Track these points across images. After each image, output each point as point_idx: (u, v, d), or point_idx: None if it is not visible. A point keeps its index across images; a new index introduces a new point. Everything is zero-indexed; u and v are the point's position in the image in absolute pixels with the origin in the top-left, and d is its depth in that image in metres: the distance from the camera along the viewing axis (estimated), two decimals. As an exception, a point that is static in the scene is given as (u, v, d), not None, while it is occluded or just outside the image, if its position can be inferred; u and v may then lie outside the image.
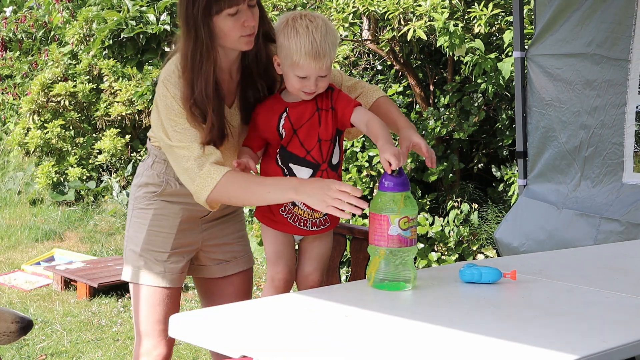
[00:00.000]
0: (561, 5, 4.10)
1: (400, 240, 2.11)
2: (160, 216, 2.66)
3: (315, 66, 2.27)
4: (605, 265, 2.52)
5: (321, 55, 2.27)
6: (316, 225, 2.43)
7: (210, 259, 2.76)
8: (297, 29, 2.27)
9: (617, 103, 3.84)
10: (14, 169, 9.51)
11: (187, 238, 2.69)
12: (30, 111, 8.79)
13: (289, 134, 2.36)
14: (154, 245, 2.67)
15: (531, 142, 4.38)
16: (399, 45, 6.01)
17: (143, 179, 2.67)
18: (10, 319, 2.19)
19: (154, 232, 2.67)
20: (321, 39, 2.27)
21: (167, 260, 2.67)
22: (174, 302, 2.72)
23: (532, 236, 4.22)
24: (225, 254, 2.76)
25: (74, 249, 6.64)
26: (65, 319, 4.91)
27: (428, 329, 1.82)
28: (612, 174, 3.89)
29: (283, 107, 2.38)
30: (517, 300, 2.09)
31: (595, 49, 3.90)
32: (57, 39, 9.76)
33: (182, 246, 2.69)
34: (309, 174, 2.37)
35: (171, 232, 2.66)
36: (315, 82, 2.30)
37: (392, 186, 2.13)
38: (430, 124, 5.83)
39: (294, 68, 2.30)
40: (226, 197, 2.38)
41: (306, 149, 2.36)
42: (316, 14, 2.35)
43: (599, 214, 3.86)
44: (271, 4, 5.85)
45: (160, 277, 2.67)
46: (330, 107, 2.36)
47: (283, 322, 1.89)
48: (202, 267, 2.78)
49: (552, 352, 1.65)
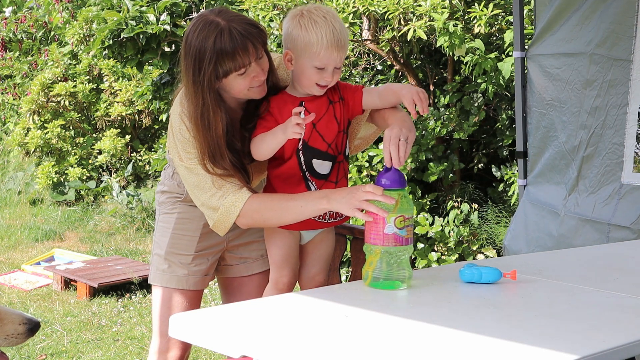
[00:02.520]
0: (561, 5, 4.10)
1: (396, 239, 2.11)
2: (184, 220, 2.68)
3: (337, 56, 2.26)
4: (605, 265, 2.52)
5: (342, 43, 2.26)
6: (333, 217, 2.43)
7: (236, 258, 2.77)
8: (315, 19, 2.24)
9: (618, 103, 3.83)
10: (14, 169, 9.51)
11: (212, 240, 2.70)
12: (30, 111, 8.80)
13: (309, 128, 2.32)
14: (178, 249, 2.69)
15: (531, 142, 4.38)
16: (399, 45, 6.01)
17: (165, 187, 2.72)
18: (18, 320, 2.18)
19: (178, 236, 2.69)
20: (340, 28, 2.26)
21: (191, 263, 2.69)
22: (193, 305, 2.74)
23: (540, 243, 4.20)
24: (251, 252, 2.77)
25: (74, 249, 6.64)
26: (65, 319, 4.91)
27: (428, 329, 1.82)
28: (610, 174, 3.88)
29: (298, 102, 2.35)
30: (517, 300, 2.09)
31: (595, 48, 3.90)
32: (57, 39, 9.77)
33: (206, 248, 2.70)
34: (329, 168, 2.37)
35: (195, 235, 2.68)
36: (332, 73, 2.29)
37: (388, 184, 2.13)
38: (430, 124, 5.83)
39: (312, 59, 2.26)
40: (260, 220, 2.35)
41: (327, 142, 2.35)
42: (326, 7, 2.34)
43: (604, 220, 3.84)
44: (271, 4, 5.84)
45: (184, 280, 2.70)
46: (339, 98, 2.37)
47: (283, 322, 1.88)
48: (228, 267, 2.79)
49: (552, 352, 1.65)
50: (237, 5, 6.67)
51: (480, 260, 5.05)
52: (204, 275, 2.71)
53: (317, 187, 2.37)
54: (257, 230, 2.74)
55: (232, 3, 6.99)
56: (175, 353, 2.72)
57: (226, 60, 2.25)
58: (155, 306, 2.74)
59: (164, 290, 2.71)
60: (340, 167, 2.40)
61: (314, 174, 2.37)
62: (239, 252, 2.77)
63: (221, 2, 7.23)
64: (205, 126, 2.33)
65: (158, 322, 2.72)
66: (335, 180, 2.39)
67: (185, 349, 2.76)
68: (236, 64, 2.25)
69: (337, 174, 2.39)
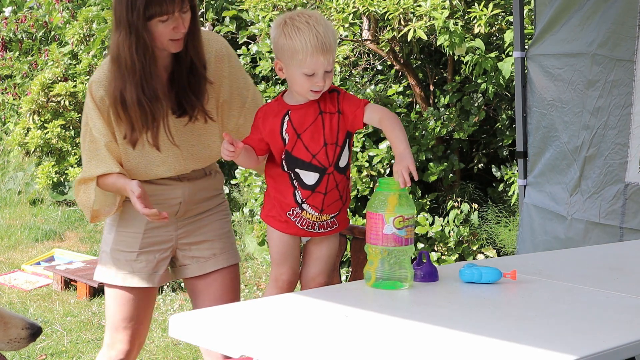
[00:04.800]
0: (562, 5, 4.09)
1: (395, 240, 2.11)
2: (127, 216, 2.72)
3: (323, 60, 2.25)
4: (605, 265, 2.52)
5: (327, 47, 2.25)
6: (324, 228, 2.42)
7: (188, 257, 2.78)
8: (298, 26, 2.26)
9: (621, 104, 3.82)
10: (14, 169, 9.51)
11: (158, 237, 2.73)
12: (30, 111, 8.78)
13: (292, 138, 2.33)
14: (123, 246, 2.74)
15: (532, 142, 4.37)
16: (399, 45, 6.01)
17: None
18: (21, 325, 2.20)
19: (122, 233, 2.74)
20: (324, 31, 2.26)
21: (135, 260, 2.72)
22: (145, 302, 2.79)
23: (547, 246, 4.18)
24: (203, 252, 2.78)
25: (74, 249, 6.64)
26: (65, 319, 4.91)
27: (428, 329, 1.82)
28: (613, 174, 3.88)
29: (285, 110, 2.35)
30: (517, 300, 2.09)
31: (597, 49, 3.89)
32: (57, 39, 9.76)
33: (152, 245, 2.73)
34: (315, 179, 2.35)
35: (138, 231, 2.72)
36: (323, 77, 2.28)
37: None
38: (430, 124, 5.83)
39: (300, 66, 2.27)
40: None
41: (312, 153, 2.33)
42: (311, 11, 2.34)
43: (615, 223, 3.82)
44: (271, 4, 5.84)
45: (129, 277, 2.73)
46: (337, 110, 2.34)
47: (283, 322, 1.89)
48: (183, 267, 2.80)
49: (552, 352, 1.65)
50: (237, 5, 6.67)
51: (480, 260, 5.05)
52: (151, 273, 2.73)
53: (303, 197, 2.36)
54: (209, 230, 2.78)
55: (232, 3, 6.99)
56: (124, 347, 2.80)
57: (154, 4, 2.46)
58: (107, 301, 2.80)
59: (111, 287, 2.76)
60: (331, 179, 2.36)
61: (300, 183, 2.36)
62: (191, 252, 2.78)
63: (221, 2, 7.24)
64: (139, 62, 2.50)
65: (109, 317, 2.80)
66: (324, 191, 2.36)
67: (135, 344, 2.83)
68: (162, 9, 2.46)
69: (327, 185, 2.36)
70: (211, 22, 6.94)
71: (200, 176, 2.77)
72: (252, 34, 6.35)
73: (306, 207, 2.37)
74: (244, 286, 5.67)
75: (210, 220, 2.79)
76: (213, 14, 7.08)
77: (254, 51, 6.56)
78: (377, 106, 2.39)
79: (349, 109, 2.34)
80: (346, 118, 2.34)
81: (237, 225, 6.61)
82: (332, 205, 2.39)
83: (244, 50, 6.65)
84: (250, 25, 6.46)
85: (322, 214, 2.38)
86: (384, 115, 2.31)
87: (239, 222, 6.60)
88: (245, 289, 5.62)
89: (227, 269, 2.80)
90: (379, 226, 2.11)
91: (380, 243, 2.11)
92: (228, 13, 6.81)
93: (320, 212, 2.37)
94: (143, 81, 2.52)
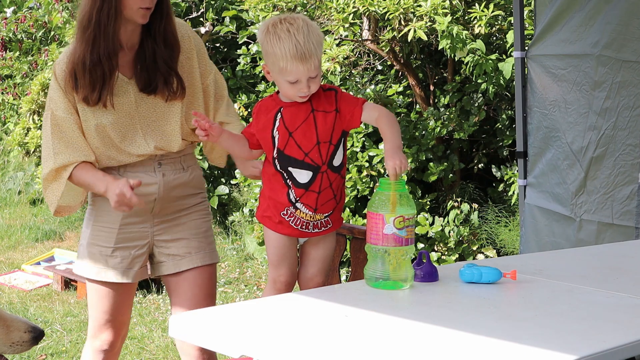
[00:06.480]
0: (562, 6, 4.09)
1: (395, 240, 2.11)
2: (103, 211, 2.74)
3: (303, 68, 2.25)
4: (605, 265, 2.52)
5: (307, 56, 2.25)
6: (318, 227, 2.42)
7: (165, 255, 2.79)
8: (279, 34, 2.26)
9: (630, 105, 3.80)
10: (14, 169, 9.51)
11: (134, 233, 2.74)
12: (30, 111, 8.79)
13: (284, 137, 2.34)
14: (99, 240, 2.76)
15: (532, 142, 4.37)
16: (399, 45, 6.02)
17: None
18: (23, 328, 2.21)
19: (98, 227, 2.76)
20: (304, 40, 2.25)
21: (110, 255, 2.74)
22: (122, 297, 2.81)
23: (555, 247, 4.15)
24: (179, 249, 2.78)
25: (74, 249, 6.63)
26: (65, 319, 4.91)
27: (428, 329, 1.82)
28: (625, 175, 3.85)
29: (278, 107, 2.36)
30: (517, 300, 2.09)
31: (602, 50, 3.87)
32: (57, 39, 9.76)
33: (127, 241, 2.74)
34: (308, 177, 2.36)
35: (113, 227, 2.73)
36: (307, 84, 2.28)
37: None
38: (431, 124, 5.84)
39: (283, 74, 2.28)
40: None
41: (304, 151, 2.34)
42: (296, 15, 2.32)
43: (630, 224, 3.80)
44: (271, 4, 5.84)
45: (103, 271, 2.75)
46: (334, 109, 2.35)
47: (283, 322, 1.89)
48: (160, 265, 2.81)
49: (552, 352, 1.65)
50: (237, 5, 6.67)
51: (480, 260, 5.05)
52: (126, 269, 2.75)
53: (296, 196, 2.36)
54: (186, 228, 2.78)
55: (232, 3, 6.99)
56: (108, 337, 2.83)
57: None
58: (87, 295, 2.85)
59: (89, 281, 2.80)
60: (324, 177, 2.36)
61: (294, 182, 2.36)
62: (167, 249, 2.78)
63: (221, 2, 7.24)
64: (102, 21, 2.52)
65: (90, 310, 2.84)
66: (318, 190, 2.36)
67: (119, 334, 2.86)
68: None
69: (320, 184, 2.36)
70: (211, 22, 6.94)
71: (176, 170, 2.74)
72: (252, 34, 6.35)
73: (300, 206, 2.37)
74: (244, 286, 5.67)
75: (188, 219, 2.79)
76: (213, 14, 7.08)
77: (254, 51, 6.56)
78: (374, 105, 2.39)
79: (347, 108, 2.34)
80: (343, 117, 2.34)
81: (237, 225, 6.61)
82: (325, 205, 2.39)
83: (244, 50, 6.65)
84: (250, 25, 6.47)
85: (316, 213, 2.38)
86: (381, 113, 2.32)
87: (239, 222, 6.60)
88: (246, 289, 5.62)
89: (202, 268, 2.78)
90: (379, 226, 2.11)
91: (380, 243, 2.11)
92: (228, 13, 6.81)
93: (314, 211, 2.38)
94: (100, 39, 2.54)
